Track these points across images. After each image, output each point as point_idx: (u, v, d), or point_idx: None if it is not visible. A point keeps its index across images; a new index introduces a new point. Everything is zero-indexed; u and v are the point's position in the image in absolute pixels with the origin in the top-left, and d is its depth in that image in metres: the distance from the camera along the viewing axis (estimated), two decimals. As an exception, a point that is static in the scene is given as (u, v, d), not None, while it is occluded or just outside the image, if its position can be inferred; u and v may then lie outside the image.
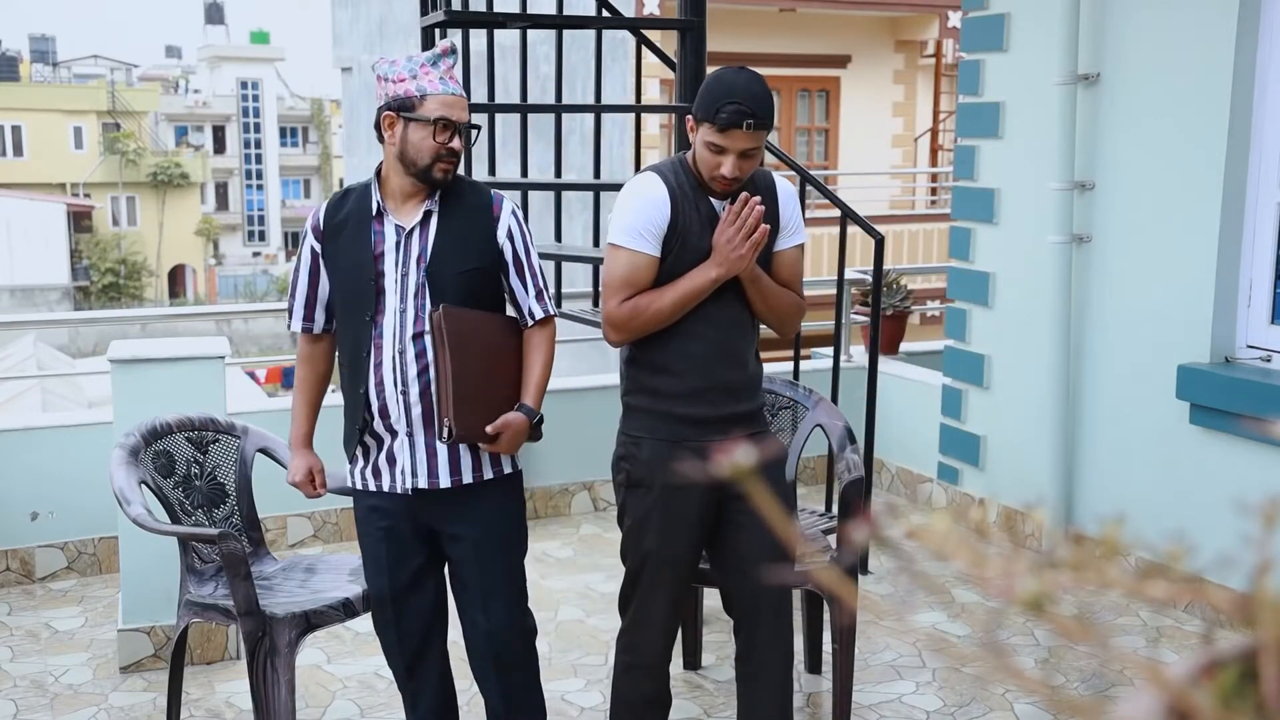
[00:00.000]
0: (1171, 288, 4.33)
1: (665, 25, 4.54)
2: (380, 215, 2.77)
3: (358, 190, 2.84)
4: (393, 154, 2.75)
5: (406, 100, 2.71)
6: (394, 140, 2.73)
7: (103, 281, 38.06)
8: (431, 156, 2.71)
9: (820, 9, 13.71)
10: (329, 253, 2.82)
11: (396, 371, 2.75)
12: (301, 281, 2.87)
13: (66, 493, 4.56)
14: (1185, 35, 4.22)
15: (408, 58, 2.77)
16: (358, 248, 2.76)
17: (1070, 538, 4.11)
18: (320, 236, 2.83)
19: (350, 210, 2.80)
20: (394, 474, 2.83)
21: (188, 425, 3.40)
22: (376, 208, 2.77)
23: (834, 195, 4.59)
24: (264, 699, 3.01)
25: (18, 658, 3.97)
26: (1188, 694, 0.53)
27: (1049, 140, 4.63)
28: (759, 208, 2.69)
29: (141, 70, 51.79)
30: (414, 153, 2.71)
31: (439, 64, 2.75)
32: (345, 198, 2.85)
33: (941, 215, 12.78)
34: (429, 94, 2.71)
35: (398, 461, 2.81)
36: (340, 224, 2.80)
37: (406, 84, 2.72)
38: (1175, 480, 4.31)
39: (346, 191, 2.87)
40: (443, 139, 2.71)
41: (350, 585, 3.25)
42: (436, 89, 2.71)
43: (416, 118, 2.70)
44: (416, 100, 2.70)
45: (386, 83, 2.74)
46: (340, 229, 2.80)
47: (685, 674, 3.83)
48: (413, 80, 2.72)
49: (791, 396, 3.76)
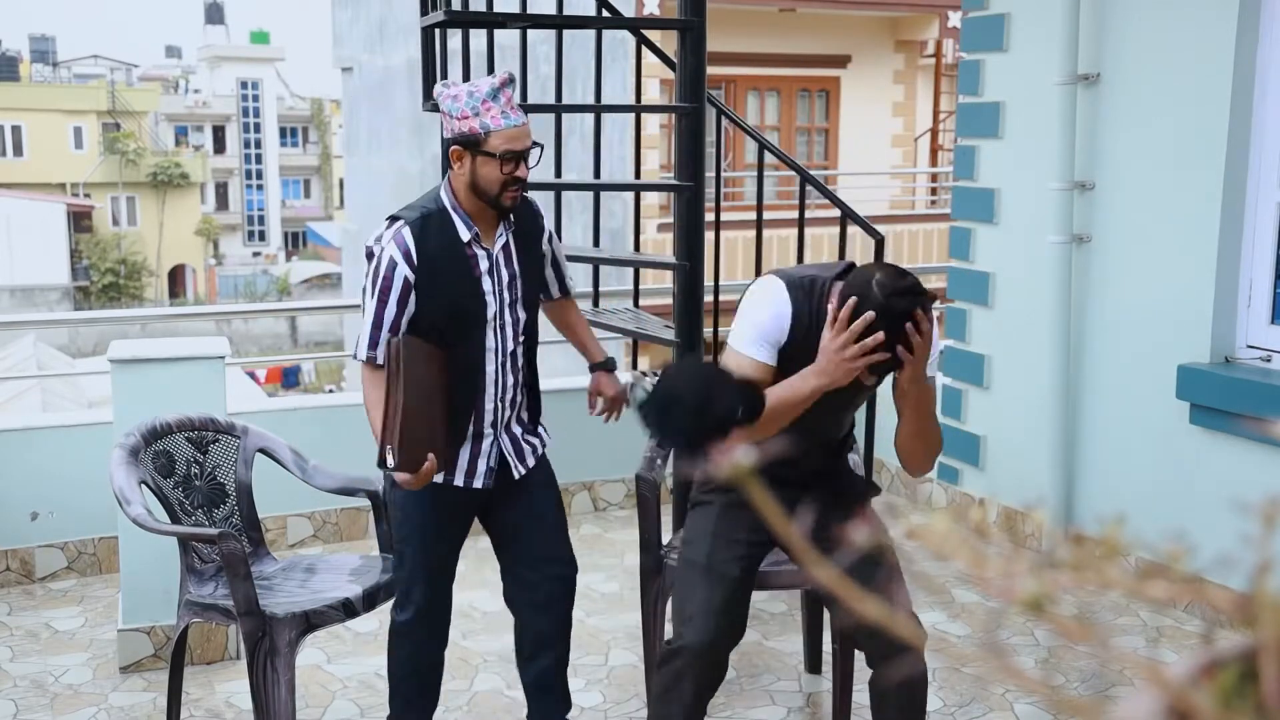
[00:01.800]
0: (1171, 288, 4.33)
1: (665, 25, 4.54)
2: (471, 242, 2.95)
3: (434, 215, 2.93)
4: (464, 183, 2.91)
5: (472, 137, 2.86)
6: (463, 172, 2.90)
7: (103, 281, 38.06)
8: (500, 187, 2.89)
9: (820, 9, 13.71)
10: (425, 280, 2.90)
11: (499, 382, 3.01)
12: (390, 311, 2.89)
13: (66, 493, 4.56)
14: (1185, 35, 4.22)
15: (469, 92, 2.87)
16: (460, 275, 2.93)
17: (1070, 538, 4.11)
18: (414, 266, 2.89)
19: (439, 236, 2.91)
20: (476, 471, 3.04)
21: (188, 425, 3.40)
22: (470, 236, 2.94)
23: (834, 195, 4.58)
24: (264, 699, 3.01)
25: (18, 658, 3.97)
26: (1188, 694, 0.53)
27: (1049, 140, 4.63)
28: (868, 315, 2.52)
29: (141, 70, 51.79)
30: (484, 184, 2.89)
31: (499, 97, 2.87)
32: (425, 224, 2.91)
33: (941, 215, 12.78)
34: (493, 130, 2.85)
35: (482, 461, 3.04)
36: (433, 251, 2.90)
37: (470, 121, 2.85)
38: (1175, 480, 4.31)
39: (424, 217, 2.92)
40: (509, 170, 2.87)
41: (350, 585, 3.25)
42: (500, 124, 2.86)
43: (484, 153, 2.86)
44: (482, 137, 2.85)
45: (451, 119, 2.88)
46: (434, 256, 2.90)
47: (685, 674, 3.83)
48: (476, 118, 2.85)
49: None
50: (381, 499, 3.40)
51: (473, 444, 3.02)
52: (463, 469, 3.02)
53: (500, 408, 3.03)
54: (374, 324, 2.90)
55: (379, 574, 3.32)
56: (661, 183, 6.59)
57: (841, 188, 13.78)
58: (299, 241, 46.58)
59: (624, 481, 5.44)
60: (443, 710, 3.59)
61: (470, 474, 3.03)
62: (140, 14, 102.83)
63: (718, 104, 4.35)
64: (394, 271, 2.88)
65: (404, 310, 2.90)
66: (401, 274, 2.88)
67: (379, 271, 2.89)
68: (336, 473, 3.54)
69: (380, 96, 16.39)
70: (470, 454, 3.02)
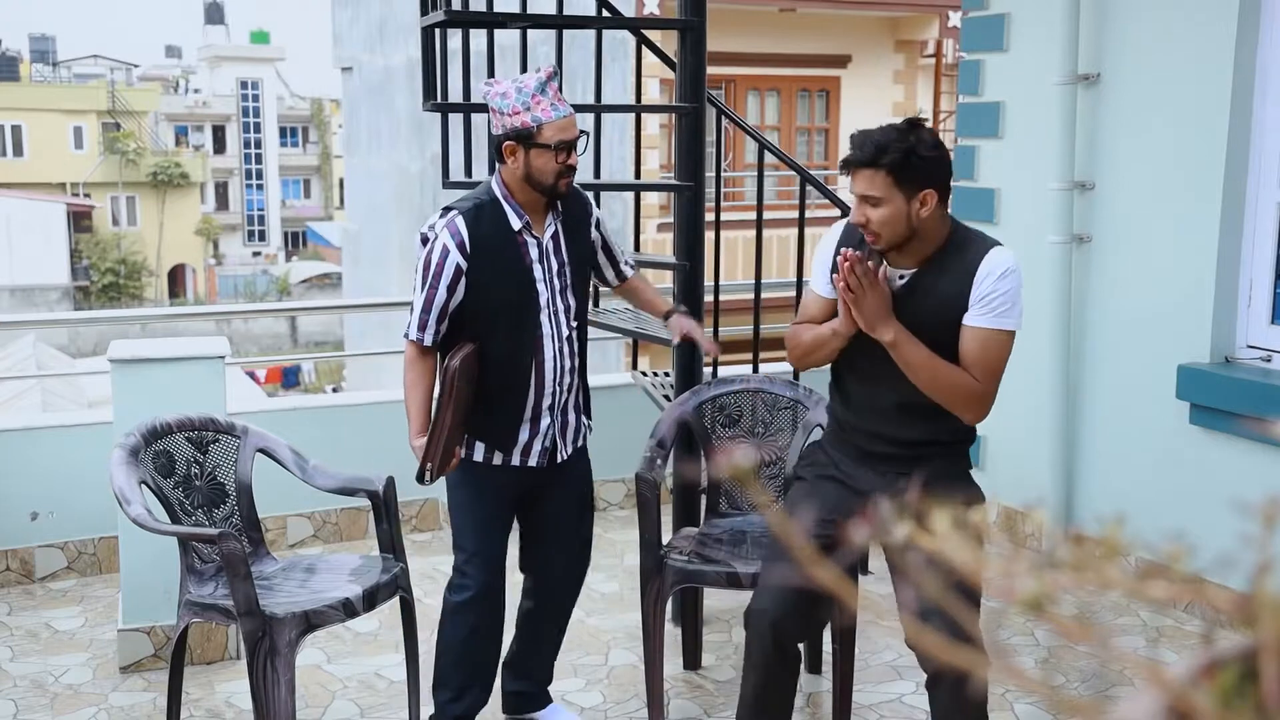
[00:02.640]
0: (1171, 288, 4.33)
1: (665, 25, 4.54)
2: (522, 230, 3.07)
3: (486, 205, 3.05)
4: (517, 175, 3.03)
5: (525, 130, 2.98)
6: (517, 165, 3.02)
7: (103, 281, 38.05)
8: (554, 176, 3.02)
9: (820, 9, 13.71)
10: (478, 268, 3.02)
11: (557, 365, 3.13)
12: (440, 296, 3.02)
13: (66, 493, 4.56)
14: (1185, 35, 4.22)
15: (516, 89, 2.99)
16: (512, 262, 3.05)
17: (1070, 538, 4.11)
18: (466, 253, 3.00)
19: (491, 225, 3.04)
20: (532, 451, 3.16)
21: (188, 425, 3.40)
22: (521, 224, 3.06)
23: (834, 195, 4.58)
24: (264, 699, 3.01)
25: (18, 658, 3.97)
26: (1188, 694, 0.53)
27: (1049, 140, 4.63)
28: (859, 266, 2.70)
29: (141, 70, 51.75)
30: (538, 175, 3.01)
31: (546, 90, 3.00)
32: (478, 214, 3.04)
33: (941, 215, 12.77)
34: (544, 122, 2.98)
35: (538, 442, 3.16)
36: (485, 239, 3.02)
37: (522, 116, 2.98)
38: (1175, 480, 4.31)
39: (477, 207, 3.05)
40: (562, 159, 3.02)
41: (350, 585, 3.24)
42: (550, 116, 2.99)
43: (538, 145, 2.99)
44: (535, 130, 2.98)
45: (502, 115, 3.00)
46: (486, 244, 3.02)
47: (685, 674, 3.83)
48: (527, 112, 2.98)
49: (792, 396, 3.76)
50: (381, 499, 3.41)
51: (531, 425, 3.15)
52: (519, 449, 3.15)
53: (558, 391, 3.16)
54: (424, 308, 3.03)
55: (379, 574, 3.31)
56: (661, 183, 6.59)
57: (841, 188, 13.75)
58: (299, 241, 46.57)
59: (624, 481, 5.44)
60: (443, 710, 3.59)
61: (526, 454, 3.16)
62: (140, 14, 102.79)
63: (718, 104, 4.35)
64: (446, 258, 3.00)
65: (453, 295, 3.02)
66: (454, 261, 3.00)
67: (431, 258, 3.02)
68: (336, 472, 3.54)
69: (380, 96, 16.39)
70: (529, 434, 3.15)
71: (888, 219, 2.69)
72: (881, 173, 2.65)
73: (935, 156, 2.70)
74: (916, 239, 2.74)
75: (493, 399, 3.09)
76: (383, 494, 3.41)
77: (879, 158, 2.65)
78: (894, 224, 2.69)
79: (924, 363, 2.74)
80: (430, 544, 5.02)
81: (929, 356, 2.74)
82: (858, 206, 2.72)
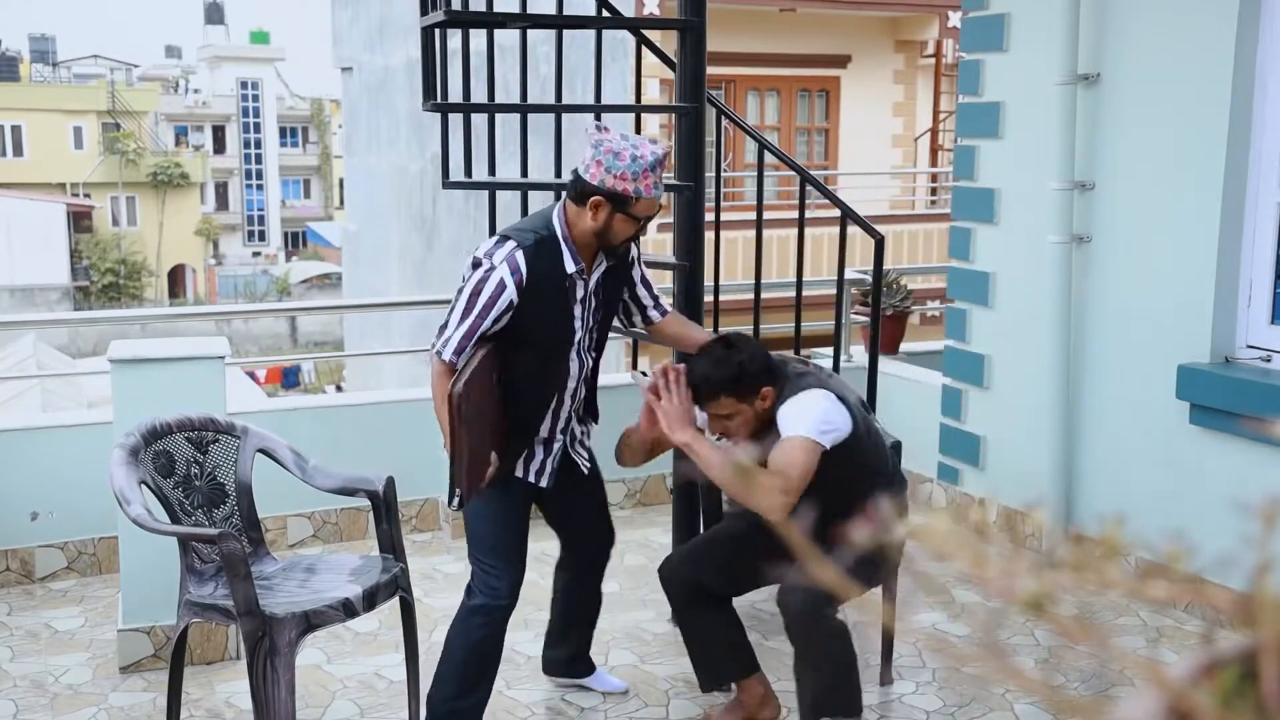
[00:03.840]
0: (1171, 288, 4.33)
1: (665, 25, 4.54)
2: (574, 275, 3.13)
3: (546, 243, 3.08)
4: (591, 228, 3.07)
5: (623, 197, 3.03)
6: (596, 221, 3.06)
7: (103, 281, 38.05)
8: (625, 240, 3.12)
9: (820, 9, 13.70)
10: (526, 305, 3.05)
11: (575, 396, 3.24)
12: (485, 325, 3.04)
13: (66, 493, 4.56)
14: (1185, 35, 4.22)
15: (633, 156, 3.01)
16: (560, 302, 3.11)
17: (1070, 538, 4.11)
18: (522, 290, 3.03)
19: (547, 266, 3.07)
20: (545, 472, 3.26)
21: (188, 425, 3.40)
22: (575, 270, 3.11)
23: (834, 195, 4.58)
24: (264, 699, 3.01)
25: (18, 658, 3.97)
26: (1188, 694, 0.53)
27: (1049, 140, 4.63)
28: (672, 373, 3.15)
29: (141, 70, 51.72)
30: (613, 237, 3.09)
31: (657, 169, 3.05)
32: (539, 251, 3.06)
33: (941, 215, 12.78)
34: (644, 197, 3.05)
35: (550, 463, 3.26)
36: (541, 279, 3.05)
37: (627, 184, 3.02)
38: (1175, 480, 4.31)
39: (538, 244, 3.07)
40: (641, 230, 3.12)
41: (350, 585, 3.24)
42: (651, 193, 3.05)
43: (628, 214, 3.05)
44: (632, 201, 3.04)
45: (605, 171, 3.02)
46: (540, 284, 3.06)
47: (685, 674, 3.83)
48: (634, 182, 3.02)
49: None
50: (381, 499, 3.41)
51: (544, 448, 3.24)
52: (534, 469, 3.24)
53: (571, 418, 3.29)
54: (466, 334, 3.04)
55: (379, 574, 3.32)
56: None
57: (841, 188, 13.77)
58: (299, 241, 46.56)
59: (624, 481, 5.44)
60: (443, 710, 3.59)
61: (540, 473, 3.26)
62: (140, 14, 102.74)
63: (718, 104, 4.35)
64: (502, 293, 3.02)
65: (495, 326, 3.06)
66: (509, 297, 3.02)
67: (484, 288, 3.02)
68: (336, 472, 3.54)
69: (380, 96, 16.39)
70: (542, 456, 3.25)
71: (743, 424, 3.14)
72: (723, 398, 3.10)
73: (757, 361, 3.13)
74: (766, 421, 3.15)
75: (510, 424, 3.16)
76: (383, 494, 3.41)
77: (719, 387, 3.10)
78: (748, 424, 3.14)
79: (718, 460, 3.04)
80: (430, 544, 5.02)
81: (721, 455, 3.06)
82: (712, 423, 3.16)
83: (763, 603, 4.36)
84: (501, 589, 3.22)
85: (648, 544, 5.03)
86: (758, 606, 4.31)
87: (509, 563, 3.23)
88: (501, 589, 3.22)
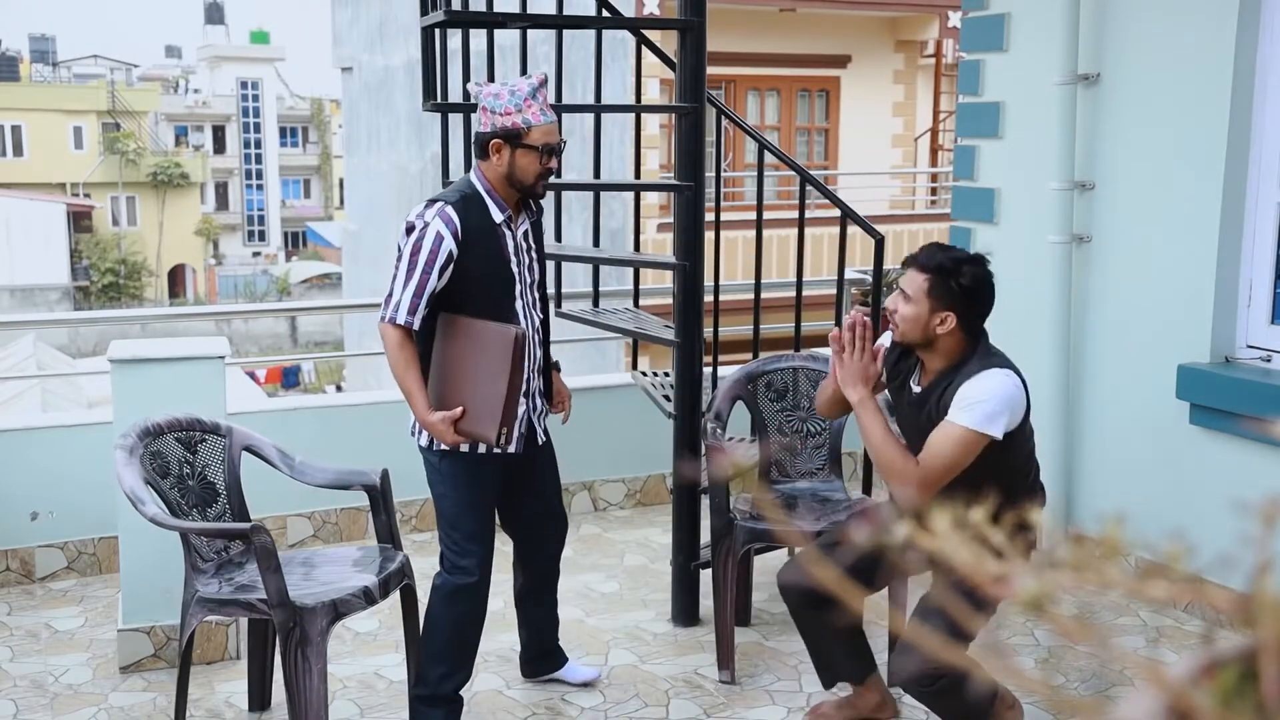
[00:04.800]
0: (1171, 288, 4.33)
1: (665, 25, 4.54)
2: (503, 224, 3.20)
3: (471, 198, 3.17)
4: (499, 173, 3.16)
5: (514, 131, 3.11)
6: (501, 164, 3.15)
7: (103, 281, 38.03)
8: (535, 177, 3.16)
9: (820, 9, 13.70)
10: (465, 256, 3.12)
11: (530, 354, 3.24)
12: (431, 280, 3.10)
13: (66, 493, 4.56)
14: (1185, 35, 4.22)
15: (510, 90, 3.12)
16: (495, 252, 3.18)
17: (1070, 538, 4.11)
18: (459, 241, 3.11)
19: (477, 217, 3.16)
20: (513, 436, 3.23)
21: (176, 426, 3.42)
22: (504, 217, 3.19)
23: (834, 195, 4.59)
24: (296, 689, 3.07)
25: (18, 658, 3.97)
26: (1188, 694, 0.53)
27: (1049, 140, 4.63)
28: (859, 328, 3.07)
29: (141, 70, 51.72)
30: (521, 174, 3.15)
31: (537, 95, 3.14)
32: (467, 205, 3.15)
33: (941, 215, 12.78)
34: (534, 125, 3.12)
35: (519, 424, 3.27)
36: (473, 229, 3.14)
37: (513, 117, 3.11)
38: (1175, 480, 4.31)
39: (463, 199, 3.16)
40: (545, 162, 3.16)
41: (363, 575, 3.29)
42: (539, 120, 3.13)
43: (525, 145, 3.12)
44: (523, 131, 3.11)
45: (492, 114, 3.12)
46: (473, 233, 3.14)
47: (685, 674, 3.83)
48: (518, 113, 3.11)
49: None
50: (378, 491, 3.44)
51: None
52: None
53: (530, 380, 3.31)
54: (415, 292, 3.11)
55: (387, 562, 3.38)
56: (661, 183, 6.59)
57: (841, 188, 13.77)
58: (299, 241, 46.55)
59: (624, 481, 5.44)
60: (443, 710, 3.59)
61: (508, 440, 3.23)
62: (140, 14, 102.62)
63: (718, 104, 4.35)
64: (440, 245, 3.09)
65: (441, 279, 3.12)
66: (447, 247, 3.10)
67: (423, 244, 3.10)
68: (327, 466, 3.56)
69: (380, 96, 16.39)
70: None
71: (909, 316, 3.01)
72: (921, 276, 3.00)
73: (971, 289, 3.00)
74: (932, 350, 3.05)
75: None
76: (379, 486, 3.45)
77: (927, 264, 3.00)
78: (913, 323, 3.01)
79: (875, 431, 3.02)
80: (429, 544, 5.01)
81: (884, 429, 3.02)
82: (895, 294, 3.05)
83: (764, 602, 4.36)
84: (469, 565, 3.25)
85: (648, 544, 5.03)
86: (759, 606, 4.31)
87: (482, 542, 3.27)
88: (469, 565, 3.25)
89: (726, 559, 3.79)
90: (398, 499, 3.77)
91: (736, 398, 4.10)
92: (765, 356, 4.26)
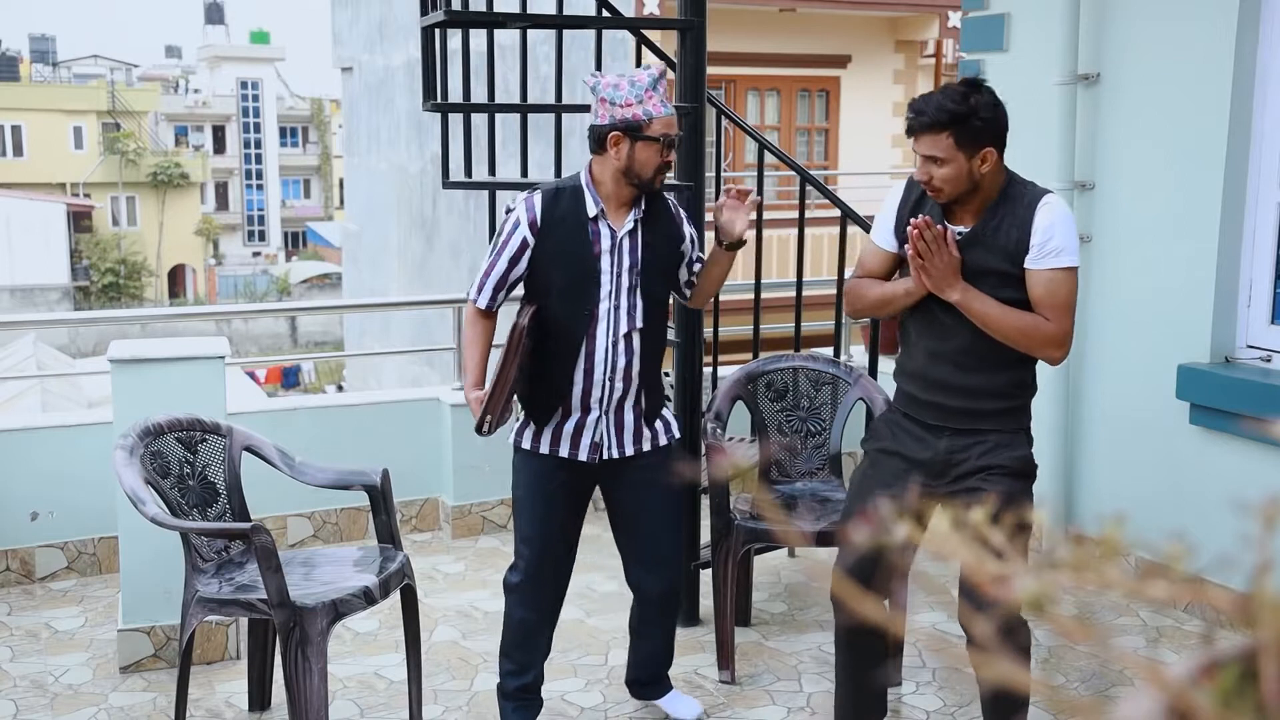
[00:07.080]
0: (1171, 288, 4.33)
1: (665, 25, 4.54)
2: (597, 218, 3.10)
3: (568, 190, 3.12)
4: (615, 167, 3.07)
5: (635, 123, 3.04)
6: (619, 157, 3.06)
7: (103, 281, 38.04)
8: (655, 170, 3.08)
9: (820, 9, 13.70)
10: (544, 246, 3.09)
11: (608, 361, 3.12)
12: (501, 264, 3.12)
13: (66, 493, 4.56)
14: (1185, 35, 4.22)
15: (630, 82, 3.05)
16: (578, 246, 3.09)
17: (1070, 538, 4.11)
18: (536, 231, 3.09)
19: (566, 209, 3.10)
20: (580, 444, 3.18)
21: (176, 426, 3.42)
22: (597, 211, 3.10)
23: (834, 195, 4.59)
24: (297, 689, 3.07)
25: (18, 658, 3.97)
26: (1188, 694, 0.53)
27: (1049, 140, 4.63)
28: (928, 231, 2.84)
29: (141, 70, 51.74)
30: (639, 167, 3.06)
31: (658, 87, 3.07)
32: (558, 196, 3.11)
33: (941, 215, 12.75)
34: (655, 117, 3.05)
35: (586, 434, 3.18)
36: (558, 221, 3.09)
37: (634, 109, 3.04)
38: (1175, 480, 4.31)
39: (558, 190, 3.13)
40: (665, 155, 3.08)
41: (363, 575, 3.29)
42: (660, 111, 3.05)
43: (645, 138, 3.04)
44: (644, 123, 3.04)
45: (612, 106, 3.05)
46: (557, 225, 3.09)
47: (685, 674, 3.83)
48: (639, 105, 3.04)
49: (833, 373, 4.21)
50: (378, 491, 3.44)
51: (578, 417, 3.17)
52: (566, 440, 3.18)
53: (610, 387, 3.15)
54: (485, 273, 3.15)
55: (387, 562, 3.38)
56: (661, 183, 6.57)
57: (841, 188, 13.77)
58: (299, 241, 46.55)
59: (624, 481, 5.43)
60: (442, 710, 3.60)
61: (574, 446, 3.19)
62: (140, 14, 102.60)
63: (718, 104, 4.35)
64: (515, 230, 3.10)
65: (515, 268, 3.12)
66: (521, 235, 3.09)
67: (504, 229, 3.13)
68: (327, 466, 3.56)
69: (380, 96, 16.39)
70: (575, 427, 3.17)
71: (950, 177, 2.86)
72: (944, 135, 2.83)
73: (993, 117, 2.90)
74: (977, 193, 2.92)
75: (540, 369, 3.15)
76: (380, 486, 3.45)
77: (941, 121, 2.83)
78: (956, 181, 2.87)
79: (995, 314, 2.86)
80: (430, 544, 5.02)
81: (999, 307, 2.86)
82: (922, 165, 2.87)
83: (764, 602, 4.36)
84: (519, 565, 3.27)
85: (648, 544, 5.03)
86: (759, 606, 4.31)
87: (536, 543, 3.24)
88: (519, 565, 3.27)
89: (726, 559, 3.79)
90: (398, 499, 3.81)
91: (736, 398, 4.10)
92: (765, 356, 4.27)
